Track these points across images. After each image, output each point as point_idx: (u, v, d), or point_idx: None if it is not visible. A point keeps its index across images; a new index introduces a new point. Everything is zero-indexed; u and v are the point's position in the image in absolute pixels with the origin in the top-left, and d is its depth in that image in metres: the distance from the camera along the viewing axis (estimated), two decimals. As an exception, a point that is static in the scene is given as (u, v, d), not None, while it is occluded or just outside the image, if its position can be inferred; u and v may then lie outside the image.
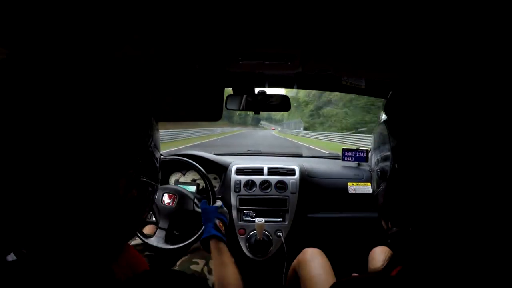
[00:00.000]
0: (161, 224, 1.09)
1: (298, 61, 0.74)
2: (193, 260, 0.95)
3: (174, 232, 1.13)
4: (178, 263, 1.02)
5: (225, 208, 1.04)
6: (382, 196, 0.46)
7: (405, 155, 0.40)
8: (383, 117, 0.48)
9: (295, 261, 1.05)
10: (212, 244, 0.86)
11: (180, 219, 1.11)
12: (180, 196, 1.12)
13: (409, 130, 0.40)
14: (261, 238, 1.24)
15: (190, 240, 1.04)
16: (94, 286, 0.36)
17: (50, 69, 0.34)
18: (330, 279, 0.89)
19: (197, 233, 1.06)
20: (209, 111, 0.84)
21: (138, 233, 1.07)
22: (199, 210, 1.10)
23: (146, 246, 1.11)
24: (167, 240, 1.07)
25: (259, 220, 1.14)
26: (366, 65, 0.80)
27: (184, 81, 0.81)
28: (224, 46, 0.67)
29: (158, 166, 0.46)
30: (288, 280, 1.11)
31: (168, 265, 1.03)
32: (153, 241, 1.05)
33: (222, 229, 0.93)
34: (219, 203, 1.05)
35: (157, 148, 0.45)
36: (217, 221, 0.93)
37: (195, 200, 1.13)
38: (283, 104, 1.10)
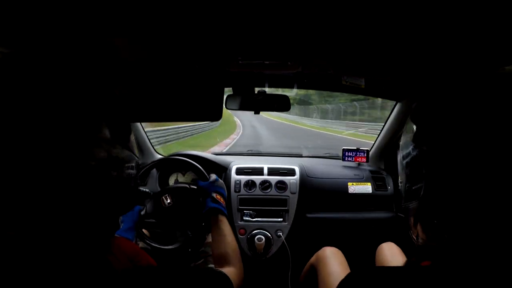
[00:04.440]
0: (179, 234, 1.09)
1: (298, 61, 0.74)
2: (209, 265, 0.95)
3: (188, 233, 1.12)
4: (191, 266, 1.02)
5: (221, 181, 1.03)
6: (412, 210, 0.46)
7: (443, 160, 0.39)
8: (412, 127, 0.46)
9: (313, 258, 1.07)
10: (212, 217, 0.89)
11: (184, 212, 1.09)
12: (174, 190, 1.10)
13: (445, 135, 0.39)
14: (261, 252, 1.28)
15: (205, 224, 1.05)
16: (91, 274, 0.36)
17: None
18: None
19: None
20: (208, 111, 0.84)
21: (155, 244, 1.06)
22: (195, 186, 1.09)
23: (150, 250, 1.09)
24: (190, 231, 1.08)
25: (259, 240, 1.25)
26: (366, 64, 0.80)
27: (184, 81, 0.81)
28: (224, 46, 0.67)
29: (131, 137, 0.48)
30: (303, 275, 1.12)
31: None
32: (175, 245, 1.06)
33: (221, 200, 0.94)
34: (213, 177, 1.04)
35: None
36: (214, 194, 0.94)
37: (190, 186, 1.10)
38: (283, 104, 1.09)
